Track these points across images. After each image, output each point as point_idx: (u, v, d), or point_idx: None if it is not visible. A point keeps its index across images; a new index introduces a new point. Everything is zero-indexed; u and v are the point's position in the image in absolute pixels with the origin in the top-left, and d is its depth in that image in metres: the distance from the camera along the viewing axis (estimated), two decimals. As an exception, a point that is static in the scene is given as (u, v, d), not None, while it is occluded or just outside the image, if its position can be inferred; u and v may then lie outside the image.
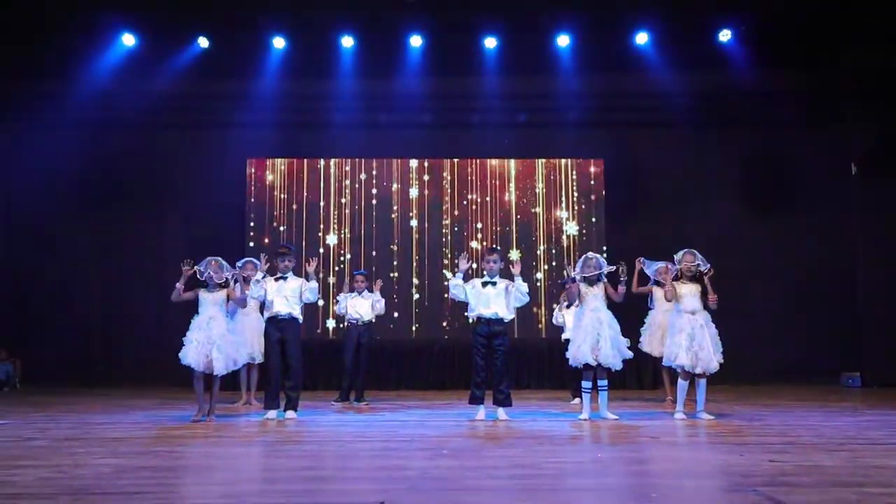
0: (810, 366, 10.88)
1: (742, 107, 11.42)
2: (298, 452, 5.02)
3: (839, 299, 11.24)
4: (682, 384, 6.68)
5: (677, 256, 6.80)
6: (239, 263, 8.11)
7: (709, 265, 6.66)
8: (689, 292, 6.64)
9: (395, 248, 11.63)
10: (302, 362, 7.07)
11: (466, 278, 6.83)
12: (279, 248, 7.59)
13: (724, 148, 11.58)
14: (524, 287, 6.70)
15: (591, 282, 6.72)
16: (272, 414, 6.80)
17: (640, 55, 11.07)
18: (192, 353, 6.55)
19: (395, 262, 11.59)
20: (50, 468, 4.28)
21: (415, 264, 11.58)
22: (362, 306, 8.40)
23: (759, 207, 11.50)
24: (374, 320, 8.53)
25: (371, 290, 8.56)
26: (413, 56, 11.15)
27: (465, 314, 6.94)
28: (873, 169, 11.10)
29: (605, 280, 6.81)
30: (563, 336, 8.16)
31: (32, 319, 11.34)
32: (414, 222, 11.68)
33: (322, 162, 11.81)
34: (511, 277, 6.73)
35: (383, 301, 8.61)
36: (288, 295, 6.99)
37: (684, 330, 6.55)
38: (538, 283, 11.44)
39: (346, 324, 8.52)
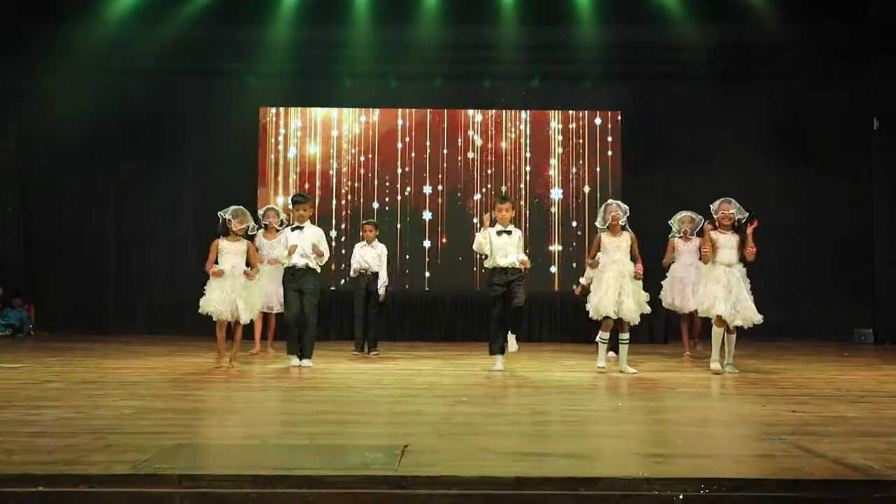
0: (823, 321, 10.79)
1: (764, 60, 11.11)
2: (316, 398, 5.03)
3: (854, 255, 11.12)
4: (716, 331, 6.45)
5: (714, 206, 6.61)
6: (260, 211, 8.09)
7: (747, 213, 6.48)
8: (725, 243, 6.41)
9: (408, 198, 11.52)
10: (317, 314, 7.01)
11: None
12: (294, 197, 7.49)
13: (744, 102, 11.32)
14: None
15: (613, 231, 6.53)
16: (295, 360, 6.83)
17: (662, 5, 10.77)
18: (216, 301, 6.50)
19: (407, 213, 11.50)
20: (69, 409, 4.29)
21: (428, 215, 11.48)
22: (369, 256, 8.32)
23: (778, 162, 11.29)
24: (380, 271, 8.31)
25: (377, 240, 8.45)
26: (429, 4, 10.89)
27: (485, 265, 6.87)
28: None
29: (631, 232, 6.61)
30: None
31: (46, 266, 11.30)
32: (427, 173, 11.55)
33: (335, 111, 11.64)
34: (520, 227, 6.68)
35: (385, 277, 8.35)
36: (304, 246, 6.89)
37: (720, 281, 6.34)
38: (553, 239, 11.35)
39: (353, 274, 8.40)
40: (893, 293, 10.77)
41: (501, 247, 6.61)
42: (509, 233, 6.65)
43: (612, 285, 6.37)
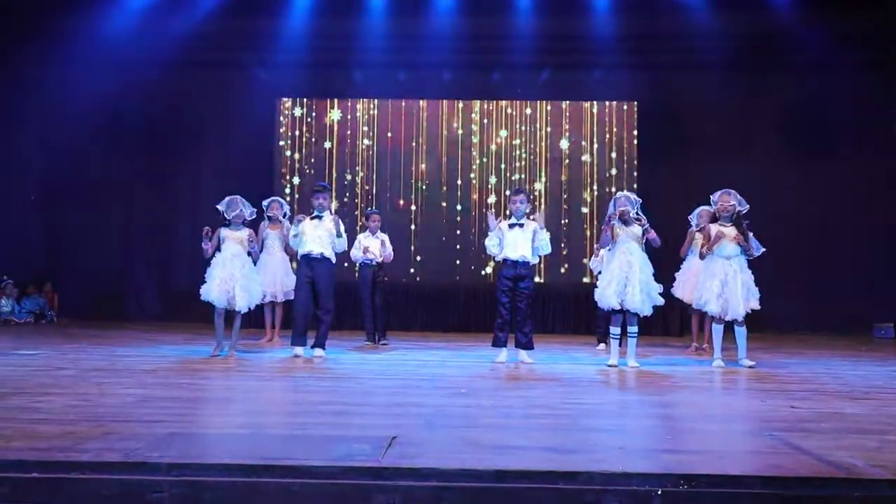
0: (842, 315, 10.66)
1: (784, 50, 10.93)
2: (317, 388, 5.09)
3: (875, 249, 10.96)
4: (716, 328, 6.49)
5: (714, 197, 6.57)
6: (265, 203, 8.14)
7: (747, 206, 6.43)
8: (725, 235, 6.40)
9: (423, 188, 11.54)
10: (333, 302, 6.97)
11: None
12: (314, 186, 7.46)
13: (763, 92, 11.17)
14: (546, 238, 6.63)
15: (625, 222, 6.50)
16: (299, 351, 6.83)
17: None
18: (215, 289, 6.64)
19: (421, 204, 11.52)
20: (76, 396, 4.39)
21: (443, 206, 11.49)
22: (374, 246, 8.36)
23: (796, 154, 11.14)
24: (384, 260, 8.39)
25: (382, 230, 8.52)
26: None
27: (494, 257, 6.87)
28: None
29: (645, 222, 6.47)
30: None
31: (67, 255, 11.51)
32: (442, 163, 11.56)
33: (350, 102, 11.68)
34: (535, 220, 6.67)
35: (390, 247, 8.42)
36: (321, 234, 6.90)
37: (717, 276, 6.34)
38: (563, 229, 11.31)
39: (358, 265, 8.47)
40: (914, 287, 10.62)
41: (512, 239, 6.62)
42: (521, 226, 6.63)
43: (618, 275, 6.32)
